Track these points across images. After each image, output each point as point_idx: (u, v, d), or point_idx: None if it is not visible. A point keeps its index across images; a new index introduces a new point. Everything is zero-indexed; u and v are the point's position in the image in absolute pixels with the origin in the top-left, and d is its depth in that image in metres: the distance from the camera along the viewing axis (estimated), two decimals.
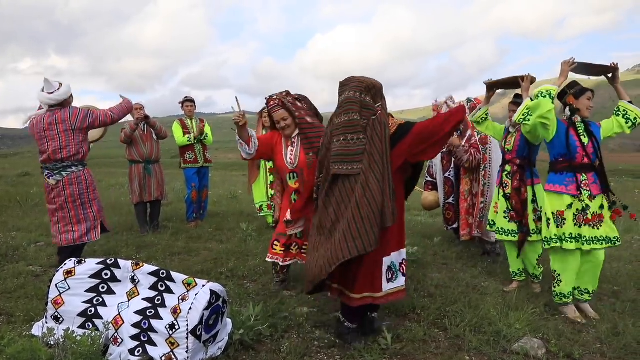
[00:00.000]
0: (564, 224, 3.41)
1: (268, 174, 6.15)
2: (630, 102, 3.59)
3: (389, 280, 2.88)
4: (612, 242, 3.42)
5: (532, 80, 3.76)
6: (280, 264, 3.85)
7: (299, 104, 3.84)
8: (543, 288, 4.03)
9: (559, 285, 3.51)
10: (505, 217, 4.05)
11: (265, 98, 3.81)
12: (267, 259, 3.91)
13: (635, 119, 3.51)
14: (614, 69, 3.53)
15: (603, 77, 3.65)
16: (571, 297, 3.53)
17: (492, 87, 4.10)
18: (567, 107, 3.58)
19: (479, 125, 4.28)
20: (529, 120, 3.51)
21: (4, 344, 2.51)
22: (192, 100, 6.78)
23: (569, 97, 3.57)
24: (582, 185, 3.40)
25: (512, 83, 3.96)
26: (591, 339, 3.08)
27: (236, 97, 3.67)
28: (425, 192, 5.66)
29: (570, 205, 3.40)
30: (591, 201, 3.39)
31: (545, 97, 3.39)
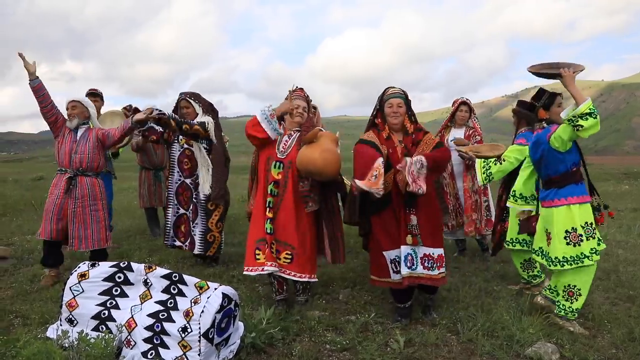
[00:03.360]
0: (595, 234, 3.21)
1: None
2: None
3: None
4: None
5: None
6: (280, 274, 3.47)
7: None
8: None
9: (577, 301, 3.23)
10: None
11: (294, 85, 3.74)
12: (249, 272, 3.49)
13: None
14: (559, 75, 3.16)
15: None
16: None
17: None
18: (543, 122, 3.41)
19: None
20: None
21: (19, 346, 2.55)
22: None
23: (539, 111, 3.43)
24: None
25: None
26: (606, 344, 3.04)
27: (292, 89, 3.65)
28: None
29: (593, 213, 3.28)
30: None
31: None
